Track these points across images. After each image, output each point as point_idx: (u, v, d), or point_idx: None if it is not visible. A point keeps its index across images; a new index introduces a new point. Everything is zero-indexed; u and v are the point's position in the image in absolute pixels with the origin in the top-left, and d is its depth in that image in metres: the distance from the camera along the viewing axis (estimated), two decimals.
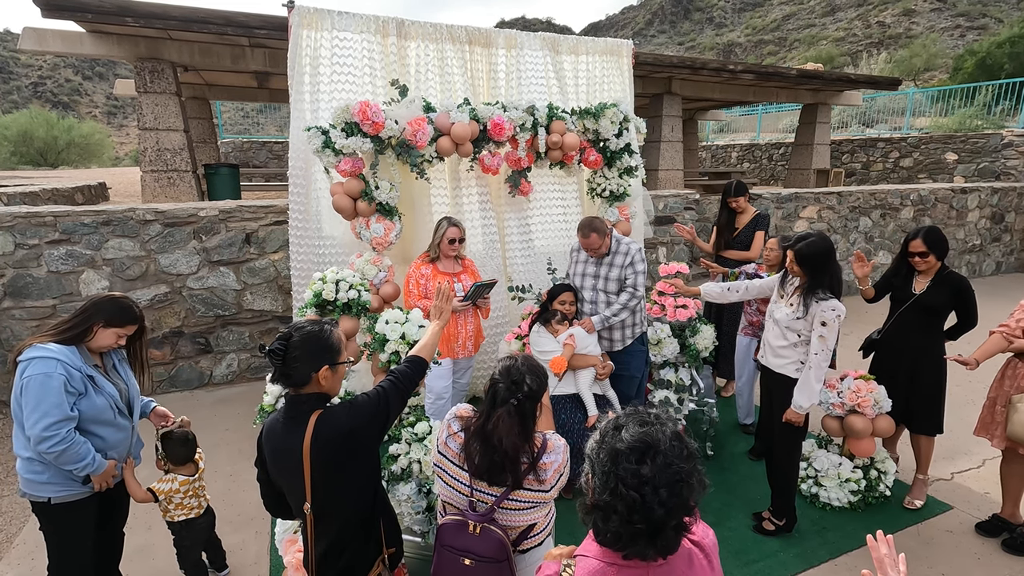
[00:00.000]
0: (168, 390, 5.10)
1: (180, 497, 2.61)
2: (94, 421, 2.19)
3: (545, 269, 4.10)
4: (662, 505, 1.07)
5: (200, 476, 2.69)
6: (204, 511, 2.72)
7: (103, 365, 2.30)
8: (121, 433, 2.31)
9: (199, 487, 2.69)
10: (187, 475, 2.61)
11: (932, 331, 3.32)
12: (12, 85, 51.72)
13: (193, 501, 2.66)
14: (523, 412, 1.78)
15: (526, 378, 1.81)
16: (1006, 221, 9.79)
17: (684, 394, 3.79)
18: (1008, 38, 20.44)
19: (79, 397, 2.13)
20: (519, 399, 1.78)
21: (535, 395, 1.82)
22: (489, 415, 1.79)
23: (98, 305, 2.20)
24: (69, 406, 2.07)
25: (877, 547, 1.28)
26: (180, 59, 6.26)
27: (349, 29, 3.97)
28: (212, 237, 5.05)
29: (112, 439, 2.27)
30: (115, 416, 2.26)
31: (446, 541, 1.81)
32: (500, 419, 1.75)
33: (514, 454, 1.75)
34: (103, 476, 2.23)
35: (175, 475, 2.60)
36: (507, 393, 1.79)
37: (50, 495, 2.17)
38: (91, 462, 2.15)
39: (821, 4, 56.67)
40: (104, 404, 2.20)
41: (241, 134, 16.94)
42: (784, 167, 14.17)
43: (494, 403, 1.79)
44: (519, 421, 1.76)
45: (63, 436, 2.05)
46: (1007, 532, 3.11)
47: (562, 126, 4.09)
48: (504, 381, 1.81)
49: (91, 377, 2.17)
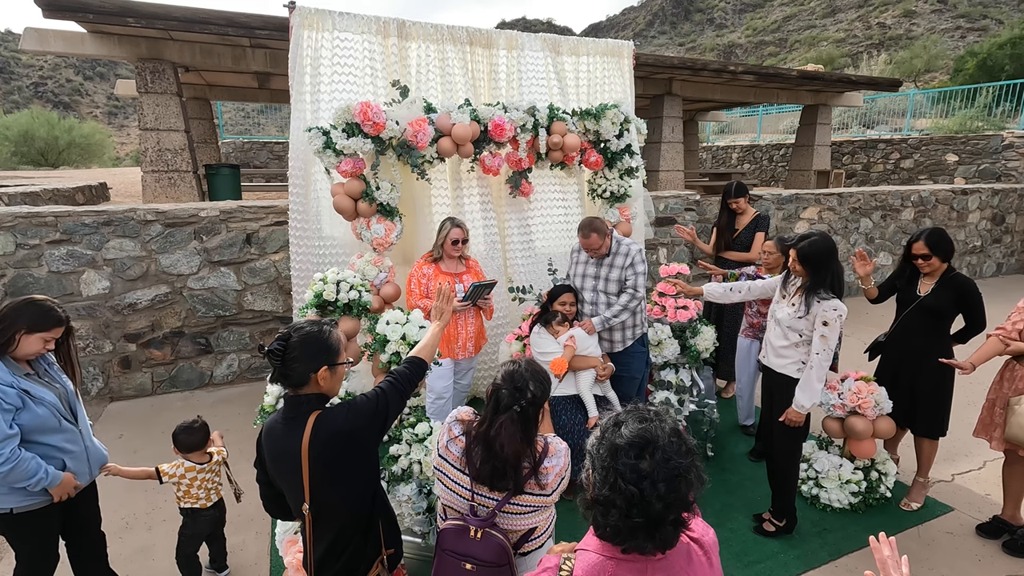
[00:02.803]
0: (169, 390, 5.11)
1: (186, 484, 2.63)
2: (39, 431, 2.11)
3: (546, 270, 4.10)
4: (660, 500, 1.08)
5: (211, 469, 2.70)
6: (212, 505, 2.73)
7: (35, 372, 2.18)
8: (72, 437, 2.23)
9: (209, 480, 2.70)
10: (195, 462, 2.64)
11: (937, 334, 3.27)
12: (13, 85, 51.78)
13: (200, 492, 2.67)
14: (526, 418, 1.76)
15: (529, 384, 1.79)
16: (1007, 223, 9.78)
17: (684, 395, 3.79)
18: (1009, 39, 20.43)
19: (17, 412, 2.04)
20: (522, 406, 1.75)
21: (538, 401, 1.80)
22: (492, 421, 1.77)
23: (18, 311, 2.07)
24: (7, 424, 2.00)
25: (880, 548, 1.28)
26: (181, 59, 6.27)
27: (350, 30, 3.98)
28: (213, 237, 5.05)
29: (64, 445, 2.19)
30: (60, 423, 2.18)
31: (447, 546, 1.80)
32: (503, 425, 1.73)
33: (516, 460, 1.73)
34: (62, 489, 2.17)
35: (183, 461, 2.63)
36: (510, 399, 1.76)
37: (12, 506, 2.11)
38: (44, 476, 2.08)
39: (822, 5, 56.69)
40: (46, 413, 2.12)
41: (242, 134, 16.96)
42: (785, 168, 14.17)
43: (497, 408, 1.77)
44: (522, 427, 1.75)
45: (7, 456, 1.97)
46: (1008, 534, 3.11)
47: (563, 127, 4.10)
48: (507, 387, 1.79)
49: (25, 390, 2.06)
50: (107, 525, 3.22)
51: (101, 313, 4.82)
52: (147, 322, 4.96)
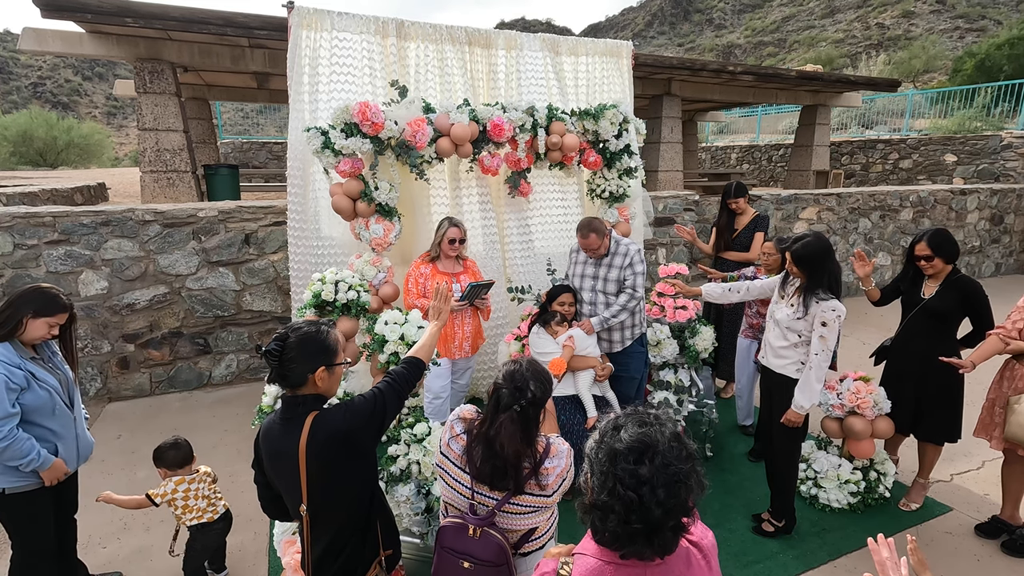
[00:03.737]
0: (167, 391, 5.10)
1: (182, 500, 2.61)
2: (39, 413, 2.23)
3: (544, 270, 4.09)
4: (660, 505, 1.07)
5: (203, 479, 2.69)
6: (220, 517, 2.71)
7: (40, 357, 2.30)
8: (66, 423, 2.35)
9: (205, 490, 2.68)
10: (183, 475, 2.62)
11: (942, 337, 3.20)
12: (12, 85, 51.68)
13: (201, 503, 2.65)
14: (526, 418, 1.76)
15: (530, 384, 1.78)
16: (1005, 223, 9.79)
17: (683, 395, 3.78)
18: (1007, 40, 20.44)
19: (21, 392, 2.16)
20: (522, 405, 1.75)
21: (539, 401, 1.79)
22: (492, 420, 1.76)
23: (24, 297, 2.20)
24: (10, 403, 2.10)
25: (879, 550, 1.28)
26: (180, 59, 6.26)
27: (349, 30, 3.97)
28: (211, 238, 5.04)
29: (59, 430, 2.31)
30: (58, 407, 2.29)
31: (446, 543, 1.80)
32: (503, 425, 1.73)
33: (516, 460, 1.73)
34: (52, 473, 2.27)
35: (170, 478, 2.62)
36: (510, 399, 1.76)
37: (4, 486, 2.21)
38: (36, 457, 2.18)
39: (820, 6, 56.73)
40: (46, 396, 2.23)
41: (241, 135, 16.94)
42: (784, 168, 14.18)
43: (497, 408, 1.77)
44: (522, 427, 1.74)
45: (5, 433, 2.08)
46: (1007, 534, 3.11)
47: (562, 127, 4.09)
48: (508, 386, 1.78)
49: (31, 372, 2.19)
50: (106, 526, 3.24)
51: (99, 313, 4.81)
52: (145, 322, 4.95)
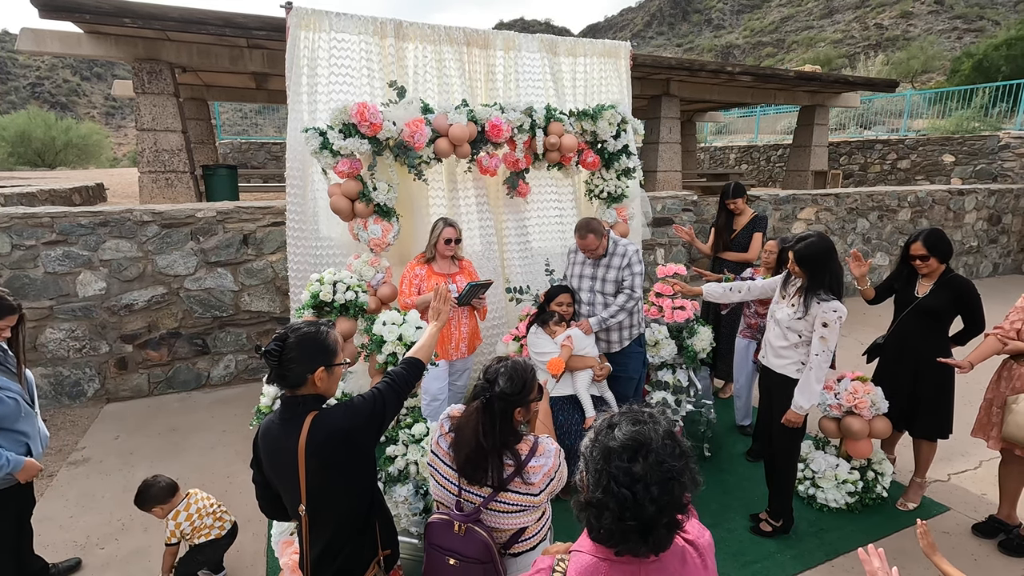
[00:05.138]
0: (165, 391, 5.09)
1: (189, 527, 2.60)
2: (8, 420, 2.25)
3: (543, 270, 4.10)
4: (653, 503, 1.08)
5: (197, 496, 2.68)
6: (227, 533, 2.71)
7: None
8: (32, 421, 2.39)
9: (208, 507, 2.67)
10: (173, 505, 2.61)
11: (935, 335, 3.25)
12: (10, 86, 51.63)
13: (209, 520, 2.65)
14: (491, 411, 1.79)
15: (499, 379, 1.83)
16: (1003, 223, 9.81)
17: (682, 395, 3.79)
18: (1005, 40, 20.50)
19: None
20: (487, 398, 1.80)
21: (507, 397, 1.81)
22: (465, 410, 1.87)
23: None
24: None
25: (870, 560, 1.29)
26: (178, 60, 6.26)
27: (347, 30, 3.97)
28: (210, 238, 5.04)
29: (28, 430, 2.35)
30: (23, 411, 2.32)
31: (433, 540, 1.84)
32: (468, 415, 1.83)
33: (479, 451, 1.76)
34: (26, 473, 2.31)
35: (167, 514, 2.61)
36: (478, 391, 1.85)
37: None
38: (5, 463, 2.21)
39: (819, 6, 56.83)
40: (13, 404, 2.24)
41: (239, 135, 16.91)
42: (782, 169, 14.20)
43: (472, 399, 1.87)
44: (488, 419, 1.78)
45: None
46: (1004, 533, 3.11)
47: (560, 127, 4.10)
48: (480, 379, 1.89)
49: None
50: (104, 527, 3.23)
51: (97, 314, 4.81)
52: (144, 323, 4.95)
